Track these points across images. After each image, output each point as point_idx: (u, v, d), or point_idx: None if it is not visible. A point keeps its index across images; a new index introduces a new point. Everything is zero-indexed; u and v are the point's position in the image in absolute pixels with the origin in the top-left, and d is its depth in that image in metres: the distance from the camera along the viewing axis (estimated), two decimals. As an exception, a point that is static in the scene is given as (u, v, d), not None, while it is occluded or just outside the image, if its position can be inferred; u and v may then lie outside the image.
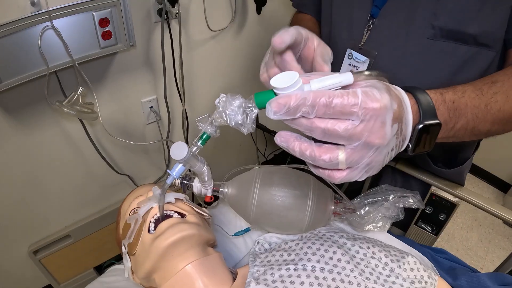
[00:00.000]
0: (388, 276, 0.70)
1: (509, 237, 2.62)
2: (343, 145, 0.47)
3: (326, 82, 0.47)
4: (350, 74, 0.48)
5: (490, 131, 0.68)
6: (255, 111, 0.52)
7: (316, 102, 0.44)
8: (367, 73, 0.50)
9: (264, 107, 0.49)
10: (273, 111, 0.45)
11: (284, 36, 0.57)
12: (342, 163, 0.47)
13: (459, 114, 0.61)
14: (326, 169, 0.50)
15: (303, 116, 0.45)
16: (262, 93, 0.50)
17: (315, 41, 0.64)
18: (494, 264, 0.99)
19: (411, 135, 0.54)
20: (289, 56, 0.61)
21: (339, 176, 0.50)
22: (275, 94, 0.48)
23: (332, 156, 0.47)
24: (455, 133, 0.63)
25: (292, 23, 1.09)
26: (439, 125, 0.55)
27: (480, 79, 0.69)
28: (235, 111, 0.53)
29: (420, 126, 0.53)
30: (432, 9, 0.78)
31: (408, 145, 0.55)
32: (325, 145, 0.48)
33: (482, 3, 0.74)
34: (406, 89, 0.55)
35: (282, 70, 0.62)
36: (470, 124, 0.63)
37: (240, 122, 0.53)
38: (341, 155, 0.47)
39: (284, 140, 0.49)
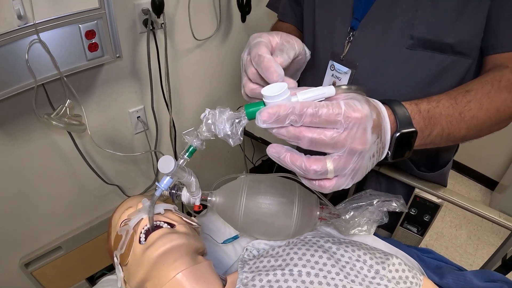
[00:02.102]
0: (373, 278, 0.72)
1: (498, 233, 2.66)
2: (329, 155, 0.50)
3: (311, 93, 0.51)
4: (332, 87, 0.51)
5: (465, 137, 0.71)
6: (244, 121, 0.54)
7: (303, 111, 0.47)
8: (345, 87, 0.54)
9: (254, 118, 0.52)
10: (262, 120, 0.48)
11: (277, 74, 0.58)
12: (331, 172, 0.50)
13: (434, 123, 0.64)
14: (317, 180, 0.53)
15: (291, 125, 0.48)
16: (252, 104, 0.53)
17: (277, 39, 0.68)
18: (484, 260, 1.01)
19: (390, 143, 0.57)
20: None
21: (329, 185, 0.52)
22: (265, 105, 0.51)
23: (322, 165, 0.49)
24: (432, 140, 0.66)
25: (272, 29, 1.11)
26: (415, 132, 0.59)
27: (455, 88, 0.72)
28: (223, 123, 0.55)
29: (398, 134, 0.57)
30: (410, 20, 0.81)
31: (388, 152, 0.58)
32: (313, 156, 0.50)
33: (458, 13, 0.76)
34: (383, 102, 0.59)
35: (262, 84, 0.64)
36: (445, 131, 0.66)
37: (228, 133, 0.55)
38: (329, 163, 0.49)
39: (276, 151, 0.51)
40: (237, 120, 0.55)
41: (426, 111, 0.64)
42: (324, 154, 0.51)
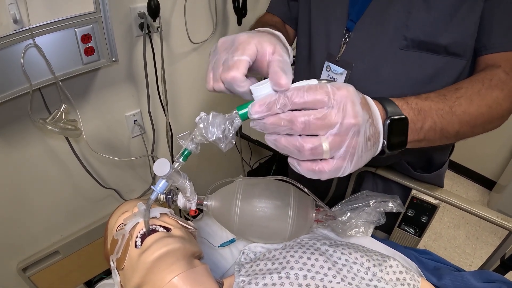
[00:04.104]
0: (370, 280, 0.72)
1: (496, 233, 2.66)
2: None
3: (295, 85, 0.52)
4: (314, 79, 0.53)
5: (459, 132, 0.71)
6: (238, 122, 0.55)
7: (292, 94, 0.49)
8: (326, 80, 0.54)
9: (247, 118, 0.53)
10: (255, 111, 0.50)
11: (239, 74, 0.55)
12: (327, 152, 0.50)
13: (424, 115, 0.64)
14: (314, 162, 0.52)
15: (283, 112, 0.50)
16: (243, 105, 0.54)
17: (269, 49, 0.58)
18: (483, 260, 1.01)
19: (383, 132, 0.58)
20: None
21: (328, 168, 0.51)
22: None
23: (316, 141, 0.49)
24: (425, 135, 0.66)
25: (257, 21, 1.10)
26: (406, 120, 0.60)
27: (445, 87, 0.73)
28: (215, 127, 0.55)
29: (388, 121, 0.58)
30: (404, 21, 0.81)
31: (384, 142, 0.58)
32: (308, 136, 0.50)
33: (452, 14, 0.77)
34: None
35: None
36: (438, 125, 0.66)
37: (220, 137, 0.55)
38: (324, 141, 0.49)
39: (273, 138, 0.52)
40: (229, 121, 0.55)
41: (415, 103, 0.64)
42: None
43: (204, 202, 0.86)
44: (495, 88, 0.73)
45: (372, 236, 0.94)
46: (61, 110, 1.23)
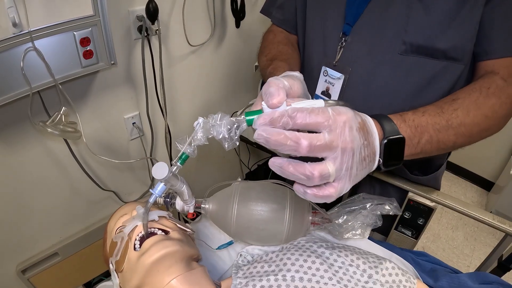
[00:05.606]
0: (366, 282, 0.72)
1: (494, 234, 2.67)
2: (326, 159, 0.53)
3: (303, 104, 0.55)
4: (321, 100, 0.57)
5: (455, 143, 0.73)
6: (244, 126, 0.58)
7: (294, 114, 0.51)
8: (333, 101, 0.57)
9: (252, 124, 0.57)
10: (259, 123, 0.53)
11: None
12: (332, 174, 0.52)
13: (421, 131, 0.66)
14: (321, 188, 0.54)
15: (288, 130, 0.51)
16: (252, 112, 0.57)
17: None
18: (481, 261, 1.01)
19: (380, 151, 0.59)
20: None
21: (333, 191, 0.54)
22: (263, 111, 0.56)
23: (324, 168, 0.51)
24: (422, 149, 0.68)
25: (268, 46, 1.08)
26: (403, 139, 0.61)
27: (442, 98, 0.74)
28: (222, 127, 0.58)
29: (385, 141, 0.59)
30: (403, 25, 0.81)
31: (379, 160, 0.60)
32: (313, 162, 0.52)
33: (451, 19, 0.77)
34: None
35: None
36: (434, 139, 0.68)
37: (226, 136, 0.58)
38: (329, 165, 0.52)
39: (279, 163, 0.53)
40: (236, 125, 0.58)
41: (412, 120, 0.66)
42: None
43: (202, 205, 0.87)
44: (492, 96, 0.74)
45: (369, 238, 0.95)
46: (61, 112, 1.23)
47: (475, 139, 0.76)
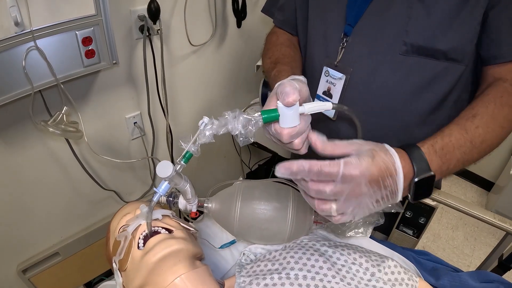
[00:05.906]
0: (369, 280, 0.73)
1: (494, 233, 2.67)
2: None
3: (313, 104, 0.66)
4: (329, 103, 0.66)
5: (477, 160, 0.76)
6: (260, 123, 0.64)
7: (311, 170, 0.59)
8: (337, 105, 0.69)
9: (268, 122, 0.65)
10: (281, 172, 0.61)
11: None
12: (334, 211, 0.63)
13: (450, 157, 0.69)
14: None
15: (303, 179, 0.62)
16: (268, 110, 0.65)
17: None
18: (481, 261, 1.02)
19: (410, 188, 0.65)
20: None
21: (335, 220, 0.65)
22: (278, 112, 0.64)
23: (327, 207, 0.63)
24: (450, 172, 0.71)
25: (271, 48, 1.09)
26: (433, 177, 0.65)
27: (462, 113, 0.76)
28: (240, 123, 0.63)
29: (416, 179, 0.64)
30: (404, 26, 0.82)
31: (408, 195, 0.67)
32: (322, 200, 0.63)
33: (451, 20, 0.77)
34: (402, 147, 0.66)
35: None
36: (460, 161, 0.70)
37: (242, 132, 0.63)
38: (333, 206, 0.62)
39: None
40: (253, 121, 0.63)
41: (441, 149, 0.68)
42: None
43: (205, 204, 0.87)
44: (505, 105, 0.75)
45: (370, 237, 0.95)
46: (63, 112, 1.23)
47: (491, 150, 0.77)
